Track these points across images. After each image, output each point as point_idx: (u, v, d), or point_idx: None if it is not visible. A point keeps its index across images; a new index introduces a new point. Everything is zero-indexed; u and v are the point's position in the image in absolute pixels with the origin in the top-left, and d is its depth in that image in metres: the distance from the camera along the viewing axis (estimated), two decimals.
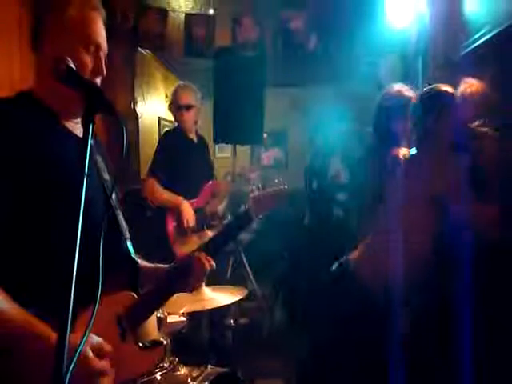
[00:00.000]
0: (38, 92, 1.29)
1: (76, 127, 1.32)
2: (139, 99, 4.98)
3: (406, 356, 1.89)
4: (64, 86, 1.11)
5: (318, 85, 5.52)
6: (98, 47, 1.29)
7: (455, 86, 2.23)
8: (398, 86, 2.49)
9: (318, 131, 4.57)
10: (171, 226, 3.14)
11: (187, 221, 3.09)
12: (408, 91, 2.45)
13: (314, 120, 4.72)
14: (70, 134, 1.30)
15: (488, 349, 1.80)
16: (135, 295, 1.37)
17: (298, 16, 3.98)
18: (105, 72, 1.31)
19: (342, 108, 4.09)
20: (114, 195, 1.42)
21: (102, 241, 0.98)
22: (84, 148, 0.88)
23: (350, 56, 4.04)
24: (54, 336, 1.02)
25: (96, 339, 1.13)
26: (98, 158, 1.40)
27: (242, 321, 3.75)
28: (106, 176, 1.39)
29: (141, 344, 1.35)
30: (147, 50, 5.05)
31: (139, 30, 4.10)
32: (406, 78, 3.31)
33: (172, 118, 3.61)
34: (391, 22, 3.71)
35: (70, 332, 0.84)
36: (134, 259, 1.45)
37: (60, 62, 1.09)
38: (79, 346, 0.83)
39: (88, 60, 1.27)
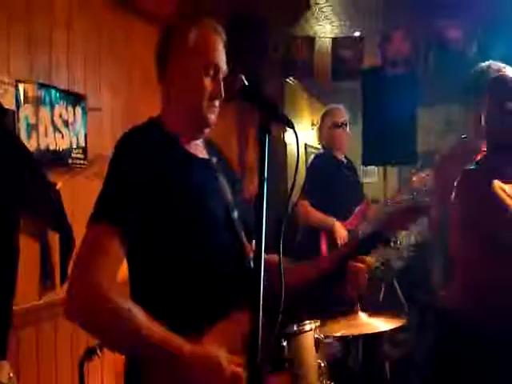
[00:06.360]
0: (163, 119, 1.35)
1: (196, 149, 1.37)
2: (287, 128, 5.13)
3: None
4: (191, 112, 1.28)
5: None
6: (217, 70, 1.30)
7: None
8: None
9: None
10: (325, 246, 3.13)
11: (341, 241, 3.05)
12: None
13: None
14: (193, 156, 1.35)
15: None
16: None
17: (454, 24, 3.71)
18: (223, 95, 1.32)
19: None
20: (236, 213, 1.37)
21: (282, 236, 1.00)
22: (262, 155, 0.96)
23: None
24: (187, 348, 1.08)
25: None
26: (221, 178, 1.40)
27: (395, 352, 3.54)
28: (229, 196, 1.38)
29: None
30: (293, 79, 5.20)
31: (288, 60, 4.23)
32: None
33: (317, 145, 3.63)
34: None
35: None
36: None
37: (235, 81, 1.15)
38: None
39: (207, 83, 1.28)
